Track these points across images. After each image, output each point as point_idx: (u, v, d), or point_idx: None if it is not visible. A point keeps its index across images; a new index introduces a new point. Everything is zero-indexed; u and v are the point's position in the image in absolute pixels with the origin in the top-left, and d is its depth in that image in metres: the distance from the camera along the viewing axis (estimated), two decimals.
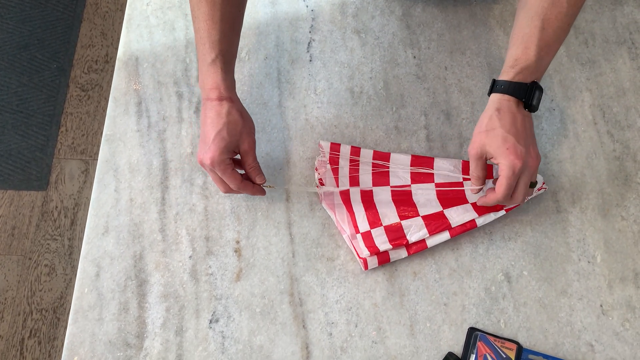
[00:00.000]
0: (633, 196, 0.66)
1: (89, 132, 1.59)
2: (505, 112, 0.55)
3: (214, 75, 0.57)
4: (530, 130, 0.57)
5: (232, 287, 0.61)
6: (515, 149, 0.54)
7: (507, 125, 0.55)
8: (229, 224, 0.64)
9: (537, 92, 0.56)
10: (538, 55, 0.54)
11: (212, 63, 0.57)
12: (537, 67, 0.55)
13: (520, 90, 0.55)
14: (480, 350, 0.57)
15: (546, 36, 0.54)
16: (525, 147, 0.54)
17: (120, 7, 1.76)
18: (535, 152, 0.56)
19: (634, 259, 0.63)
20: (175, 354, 0.58)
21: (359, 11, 0.77)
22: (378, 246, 0.59)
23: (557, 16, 0.54)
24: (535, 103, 0.56)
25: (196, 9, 0.57)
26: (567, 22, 0.55)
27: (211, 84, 0.57)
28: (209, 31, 0.56)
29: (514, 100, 0.55)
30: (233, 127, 0.57)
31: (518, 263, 0.63)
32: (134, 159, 0.67)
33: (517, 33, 0.56)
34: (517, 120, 0.55)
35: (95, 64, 1.67)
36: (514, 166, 0.53)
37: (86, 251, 0.63)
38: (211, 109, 0.57)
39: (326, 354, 0.58)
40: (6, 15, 1.69)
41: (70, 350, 0.58)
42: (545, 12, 0.54)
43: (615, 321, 0.60)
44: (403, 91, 0.72)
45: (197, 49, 0.58)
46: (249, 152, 0.59)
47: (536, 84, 0.56)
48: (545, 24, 0.54)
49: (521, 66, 0.55)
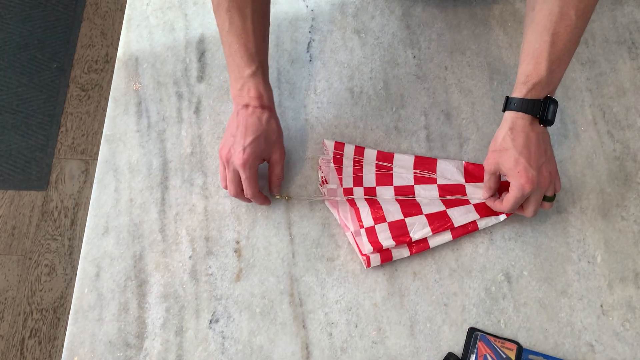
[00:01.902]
0: (633, 196, 0.66)
1: (89, 132, 1.59)
2: (518, 131, 0.55)
3: (257, 86, 0.59)
4: (544, 147, 0.56)
5: (232, 287, 0.61)
6: (527, 173, 0.54)
7: (519, 146, 0.55)
8: (229, 224, 0.64)
9: (551, 106, 0.55)
10: (549, 70, 0.54)
11: (252, 75, 0.59)
12: (549, 81, 0.55)
13: (534, 107, 0.55)
14: (480, 351, 0.57)
15: (556, 50, 0.54)
16: (537, 168, 0.55)
17: (120, 7, 1.76)
18: (549, 170, 0.56)
19: (634, 259, 0.63)
20: (175, 354, 0.58)
21: (359, 11, 0.77)
22: (381, 242, 0.59)
23: (566, 29, 0.53)
24: (550, 117, 0.55)
25: (227, 23, 0.58)
26: (576, 34, 0.54)
27: (254, 93, 0.59)
28: (245, 44, 0.58)
29: (528, 118, 0.55)
30: (270, 136, 0.61)
31: (518, 263, 0.63)
32: (134, 159, 0.67)
33: (527, 49, 0.55)
34: (530, 139, 0.55)
35: (95, 64, 1.67)
36: (523, 189, 0.55)
37: (86, 251, 0.63)
38: (252, 114, 0.59)
39: (326, 354, 0.58)
40: (6, 15, 1.69)
41: (70, 351, 0.58)
42: (554, 27, 0.53)
43: (615, 321, 0.60)
44: (403, 91, 0.71)
45: (231, 61, 0.59)
46: (279, 162, 0.63)
47: (550, 98, 0.55)
48: (555, 38, 0.53)
49: (533, 82, 0.54)
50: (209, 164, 0.67)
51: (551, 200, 0.59)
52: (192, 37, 0.74)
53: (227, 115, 0.69)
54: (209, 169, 0.67)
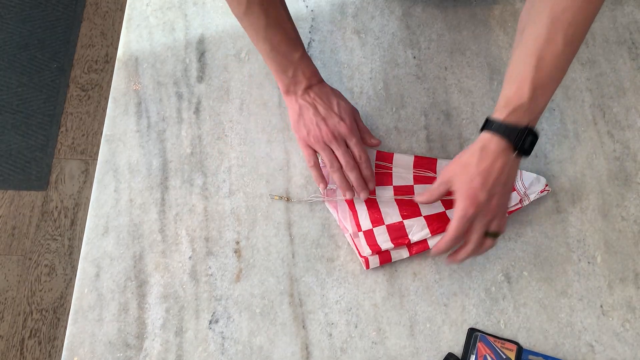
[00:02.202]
0: (633, 196, 0.66)
1: (89, 132, 1.59)
2: (487, 154, 0.52)
3: (309, 65, 0.62)
4: (506, 179, 0.53)
5: (232, 287, 0.61)
6: (475, 195, 0.52)
7: (481, 167, 0.52)
8: (229, 224, 0.64)
9: (530, 137, 0.52)
10: (532, 95, 0.51)
11: (302, 57, 0.61)
12: (531, 107, 0.51)
13: (511, 132, 0.52)
14: (480, 351, 0.57)
15: (541, 75, 0.51)
16: (489, 196, 0.52)
17: (120, 7, 1.76)
18: (499, 202, 0.53)
19: (634, 260, 0.63)
20: (175, 355, 0.58)
21: (359, 11, 0.76)
22: (380, 244, 0.59)
23: (552, 55, 0.50)
24: (527, 147, 0.52)
25: (264, 17, 0.58)
26: (563, 61, 0.51)
27: (310, 73, 0.62)
28: (286, 32, 0.60)
29: (503, 143, 0.52)
30: (343, 98, 0.64)
31: (518, 263, 0.63)
32: (134, 159, 0.67)
33: (511, 71, 0.53)
34: (495, 166, 0.52)
35: (95, 64, 1.67)
36: (466, 211, 0.52)
37: (86, 251, 0.63)
38: (319, 90, 0.62)
39: (326, 355, 0.58)
40: (6, 15, 1.69)
41: (70, 351, 0.58)
42: (540, 51, 0.50)
43: (615, 322, 0.60)
44: (403, 91, 0.71)
45: (275, 53, 0.60)
46: (358, 117, 0.65)
47: (530, 130, 0.52)
48: (540, 63, 0.50)
49: (514, 105, 0.51)
50: (209, 164, 0.67)
51: (493, 237, 0.55)
52: (192, 37, 0.74)
53: (227, 116, 0.69)
54: (209, 169, 0.67)
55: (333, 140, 0.61)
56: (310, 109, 0.61)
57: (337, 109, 0.62)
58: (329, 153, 0.61)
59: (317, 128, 0.61)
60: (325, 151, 0.61)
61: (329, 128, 0.61)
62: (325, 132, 0.61)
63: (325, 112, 0.61)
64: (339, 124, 0.61)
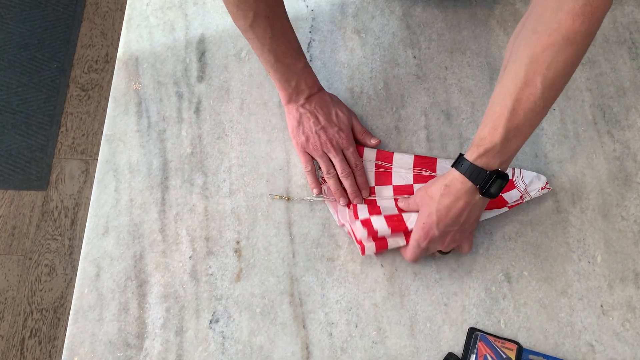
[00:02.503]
0: (633, 196, 0.66)
1: (89, 132, 1.59)
2: (451, 192, 0.53)
3: (311, 75, 0.64)
4: (466, 218, 0.54)
5: (232, 287, 0.61)
6: (429, 230, 0.55)
7: (442, 204, 0.53)
8: (229, 224, 0.64)
9: (498, 180, 0.52)
10: (505, 138, 0.50)
11: (305, 67, 0.63)
12: (503, 150, 0.50)
13: (478, 176, 0.51)
14: (480, 351, 0.57)
15: (516, 118, 0.49)
16: (442, 233, 0.55)
17: (120, 7, 1.76)
18: (454, 238, 0.57)
19: (634, 259, 0.63)
20: (175, 355, 0.58)
21: (359, 11, 0.77)
22: (376, 229, 0.59)
23: (529, 98, 0.48)
24: (494, 192, 0.52)
25: (269, 29, 0.58)
26: (540, 105, 0.49)
27: (311, 82, 0.64)
28: (290, 43, 0.61)
29: (469, 185, 0.52)
30: (342, 106, 0.66)
31: (518, 263, 0.63)
32: (134, 159, 0.67)
33: (488, 110, 0.52)
34: (456, 205, 0.53)
35: (95, 63, 1.67)
36: (419, 242, 0.57)
37: (86, 251, 0.63)
38: (318, 99, 0.64)
39: (326, 354, 0.58)
40: (6, 15, 1.69)
41: (71, 351, 0.58)
42: (517, 93, 0.48)
43: (615, 321, 0.60)
44: (403, 91, 0.71)
45: (280, 65, 0.61)
46: (356, 121, 0.67)
47: (499, 173, 0.52)
48: (516, 105, 0.49)
49: (485, 147, 0.51)
50: (209, 164, 0.67)
51: (442, 254, 0.61)
52: (192, 37, 0.74)
53: (227, 115, 0.69)
54: (209, 169, 0.67)
55: (331, 149, 0.63)
56: (310, 117, 0.63)
57: (337, 119, 0.64)
58: (326, 160, 0.64)
59: (317, 136, 0.63)
60: (323, 158, 0.64)
61: (328, 137, 0.63)
62: (324, 141, 0.63)
63: (325, 121, 0.63)
64: (338, 134, 0.63)
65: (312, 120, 0.63)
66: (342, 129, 0.64)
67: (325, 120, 0.63)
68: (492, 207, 0.62)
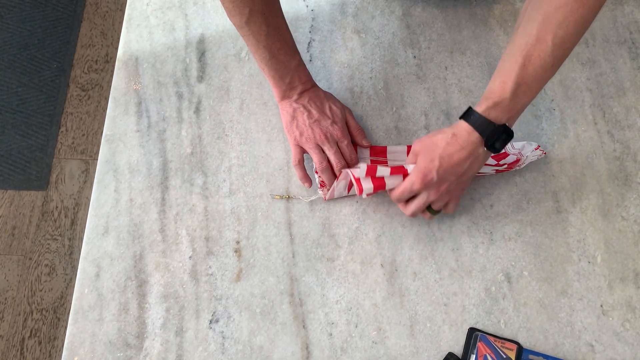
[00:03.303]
0: (633, 196, 0.66)
1: (89, 132, 1.59)
2: (457, 141, 0.54)
3: (305, 71, 0.64)
4: (465, 170, 0.55)
5: (232, 287, 0.61)
6: (427, 174, 0.54)
7: (446, 152, 0.54)
8: (229, 224, 0.64)
9: (504, 136, 0.53)
10: (514, 93, 0.51)
11: (299, 64, 0.63)
12: (512, 105, 0.52)
13: (486, 127, 0.53)
14: (480, 351, 0.57)
15: (526, 74, 0.51)
16: (440, 180, 0.55)
17: (120, 7, 1.76)
18: (449, 189, 0.56)
19: (634, 259, 0.63)
20: (175, 355, 0.58)
21: (359, 11, 0.76)
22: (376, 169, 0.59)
23: (540, 54, 0.50)
24: (498, 147, 0.54)
25: (265, 26, 0.58)
26: (550, 63, 0.50)
27: (305, 78, 0.63)
28: (285, 40, 0.60)
29: (475, 136, 0.53)
30: (335, 101, 0.66)
31: (518, 263, 0.63)
32: (134, 159, 0.67)
33: (500, 66, 0.54)
34: (459, 154, 0.54)
35: (95, 63, 1.67)
36: (412, 184, 0.56)
37: (86, 251, 0.63)
38: (312, 93, 0.64)
39: (326, 354, 0.58)
40: (6, 15, 1.69)
41: (71, 351, 0.58)
42: (528, 49, 0.50)
43: (615, 321, 0.60)
44: (403, 91, 0.71)
45: (275, 62, 0.60)
46: (350, 117, 0.66)
47: (506, 128, 0.53)
48: (526, 61, 0.51)
49: (495, 100, 0.52)
50: (209, 164, 0.67)
51: (433, 213, 0.60)
52: (192, 37, 0.74)
53: (227, 115, 0.69)
54: (209, 169, 0.67)
55: (325, 141, 0.62)
56: (304, 112, 0.63)
57: (330, 112, 0.64)
58: (319, 152, 0.63)
59: (310, 129, 0.62)
60: (316, 151, 0.63)
61: (322, 130, 0.62)
62: (318, 134, 0.62)
63: (318, 115, 0.63)
64: (332, 126, 0.63)
65: (306, 114, 0.63)
66: (336, 121, 0.64)
67: (319, 113, 0.63)
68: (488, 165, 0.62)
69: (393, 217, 0.64)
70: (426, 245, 0.63)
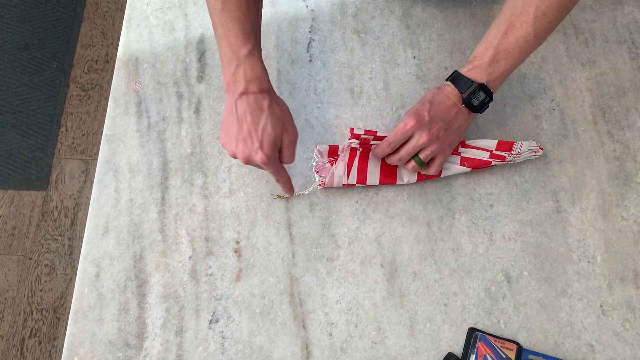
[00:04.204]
0: (633, 196, 0.66)
1: (89, 132, 1.59)
2: (442, 92, 0.59)
3: (253, 67, 0.54)
4: (453, 118, 0.59)
5: (232, 287, 0.61)
6: (420, 113, 0.58)
7: (434, 99, 0.59)
8: (229, 224, 0.64)
9: (481, 93, 0.57)
10: (493, 57, 0.56)
11: (249, 54, 0.54)
12: (490, 69, 0.57)
13: (463, 84, 0.58)
14: (480, 351, 0.57)
15: (507, 41, 0.56)
16: (431, 120, 0.58)
17: (120, 7, 1.76)
18: (438, 134, 0.58)
19: (634, 259, 0.63)
20: (175, 355, 0.58)
21: (359, 11, 0.77)
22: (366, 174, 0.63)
23: (522, 25, 0.55)
24: (475, 104, 0.58)
25: (219, 2, 0.54)
26: (531, 34, 0.56)
27: (251, 76, 0.54)
28: (240, 22, 0.54)
29: (456, 93, 0.58)
30: (277, 120, 0.55)
31: (518, 263, 0.63)
32: (134, 159, 0.67)
33: (486, 34, 0.59)
34: (445, 102, 0.59)
35: (95, 63, 1.67)
36: (406, 123, 0.58)
37: (86, 251, 0.63)
38: (254, 102, 0.54)
39: (326, 354, 0.58)
40: (6, 15, 1.69)
41: (71, 351, 0.58)
42: (512, 19, 0.56)
43: (615, 321, 0.60)
44: (403, 91, 0.71)
45: (225, 42, 0.55)
46: (290, 145, 0.56)
47: (484, 87, 0.57)
48: (509, 30, 0.56)
49: (475, 63, 0.58)
50: (209, 164, 0.67)
51: (419, 164, 0.61)
52: (192, 37, 0.74)
53: None
54: (209, 169, 0.67)
55: (247, 163, 0.56)
56: (235, 123, 0.55)
57: (260, 135, 0.54)
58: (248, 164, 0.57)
59: (235, 147, 0.56)
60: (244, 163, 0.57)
61: (244, 154, 0.55)
62: (241, 156, 0.55)
63: (246, 133, 0.54)
64: (256, 153, 0.54)
65: (236, 127, 0.55)
66: (263, 146, 0.54)
67: (248, 132, 0.54)
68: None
69: (393, 217, 0.64)
70: (426, 245, 0.63)
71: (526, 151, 0.64)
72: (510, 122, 0.69)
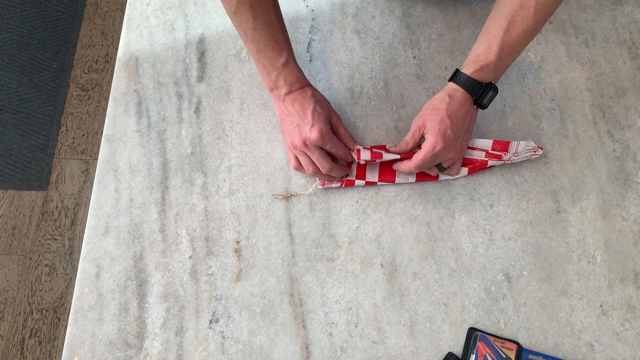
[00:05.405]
0: (633, 196, 0.66)
1: (89, 132, 1.59)
2: (454, 101, 0.59)
3: (293, 72, 0.61)
4: (468, 125, 0.61)
5: (232, 287, 0.61)
6: (446, 132, 0.58)
7: (450, 111, 0.59)
8: (229, 224, 0.64)
9: (490, 93, 0.59)
10: (499, 56, 0.57)
11: (286, 63, 0.61)
12: (497, 67, 0.58)
13: (475, 87, 0.59)
14: (480, 351, 0.57)
15: (509, 38, 0.56)
16: (455, 136, 0.59)
17: (120, 7, 1.76)
18: (461, 146, 0.61)
19: (634, 259, 0.63)
20: (175, 354, 0.58)
21: (359, 11, 0.77)
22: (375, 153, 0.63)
23: (523, 20, 0.55)
24: (485, 102, 0.60)
25: (252, 19, 0.58)
26: (532, 27, 0.56)
27: (292, 79, 0.61)
28: (273, 36, 0.59)
29: (467, 95, 0.59)
30: (323, 104, 0.62)
31: (518, 263, 0.63)
32: (134, 159, 0.67)
33: (485, 30, 0.59)
34: (460, 111, 0.59)
35: (95, 63, 1.67)
36: (435, 145, 0.58)
37: (86, 251, 0.63)
38: (299, 95, 0.61)
39: (326, 354, 0.58)
40: (6, 15, 1.69)
41: (71, 351, 0.58)
42: (512, 14, 0.56)
43: (615, 321, 0.60)
44: (403, 91, 0.71)
45: (262, 56, 0.60)
46: (339, 124, 0.64)
47: (492, 85, 0.59)
48: (510, 26, 0.56)
49: (481, 64, 0.58)
50: (209, 164, 0.67)
51: (440, 170, 0.64)
52: (192, 37, 0.74)
53: (227, 115, 0.69)
54: (209, 169, 0.67)
55: (305, 147, 0.61)
56: (288, 116, 0.62)
57: (311, 116, 0.60)
58: (305, 157, 0.62)
59: (292, 136, 0.62)
60: (302, 156, 0.63)
61: (301, 136, 0.61)
62: (299, 140, 0.61)
63: (298, 119, 0.61)
64: (310, 131, 0.60)
65: (289, 120, 0.62)
66: (314, 125, 0.60)
67: (299, 118, 0.61)
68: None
69: (393, 217, 0.64)
70: (426, 245, 0.63)
71: (524, 151, 0.65)
72: (510, 122, 0.69)
